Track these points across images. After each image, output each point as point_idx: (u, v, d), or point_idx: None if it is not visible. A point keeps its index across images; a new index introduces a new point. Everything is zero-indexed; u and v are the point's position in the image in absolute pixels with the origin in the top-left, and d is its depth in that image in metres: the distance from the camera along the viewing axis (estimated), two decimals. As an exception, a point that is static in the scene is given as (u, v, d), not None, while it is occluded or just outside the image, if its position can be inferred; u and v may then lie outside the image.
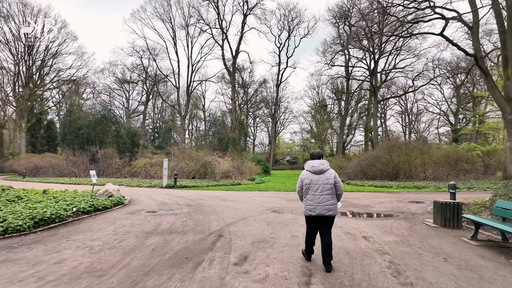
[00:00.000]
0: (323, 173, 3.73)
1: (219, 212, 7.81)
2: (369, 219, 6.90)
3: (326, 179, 3.69)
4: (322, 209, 3.62)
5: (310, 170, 3.78)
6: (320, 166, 3.74)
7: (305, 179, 3.77)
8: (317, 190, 3.65)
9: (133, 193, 12.78)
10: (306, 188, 3.75)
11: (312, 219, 3.77)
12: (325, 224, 3.73)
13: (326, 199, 3.63)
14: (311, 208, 3.67)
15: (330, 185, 3.68)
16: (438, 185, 15.63)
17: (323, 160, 3.90)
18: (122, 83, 48.16)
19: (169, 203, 9.73)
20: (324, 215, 3.63)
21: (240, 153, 28.98)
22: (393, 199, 10.59)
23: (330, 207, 3.64)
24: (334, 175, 3.76)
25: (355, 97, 46.06)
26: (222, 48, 35.44)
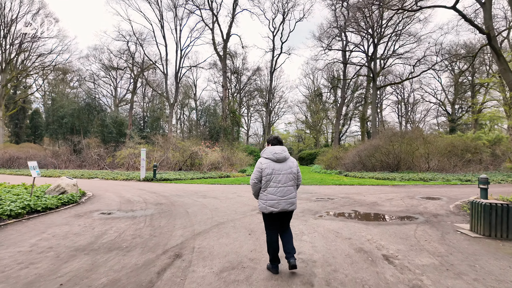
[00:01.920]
0: (285, 161, 3.25)
1: (191, 215, 6.15)
2: (383, 224, 5.31)
3: (289, 168, 3.23)
4: (286, 204, 3.15)
5: (272, 158, 3.21)
6: (283, 153, 3.25)
7: (266, 168, 3.17)
8: (280, 181, 3.15)
9: (100, 187, 11.04)
10: (267, 179, 3.15)
11: (274, 217, 3.21)
12: (286, 221, 3.31)
13: (290, 191, 3.20)
14: (274, 203, 3.11)
15: (293, 175, 3.24)
16: (446, 177, 14.20)
17: (284, 147, 3.36)
18: (108, 69, 45.65)
19: (136, 201, 8.03)
20: (288, 210, 3.17)
21: (231, 143, 27.25)
22: (402, 195, 9.06)
23: (293, 200, 3.23)
24: (296, 163, 3.36)
25: (351, 86, 44.39)
26: (212, 32, 33.21)
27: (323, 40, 32.26)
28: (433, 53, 29.23)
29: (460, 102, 44.48)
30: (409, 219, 5.75)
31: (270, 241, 3.21)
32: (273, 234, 3.24)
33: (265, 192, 3.16)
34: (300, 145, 62.19)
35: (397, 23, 30.10)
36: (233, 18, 31.88)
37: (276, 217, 3.20)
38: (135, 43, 39.05)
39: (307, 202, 7.78)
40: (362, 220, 5.74)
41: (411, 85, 49.29)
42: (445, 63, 36.16)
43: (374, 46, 28.24)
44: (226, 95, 32.96)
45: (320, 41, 32.47)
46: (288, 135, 67.53)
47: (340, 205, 7.32)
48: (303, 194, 9.33)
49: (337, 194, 9.23)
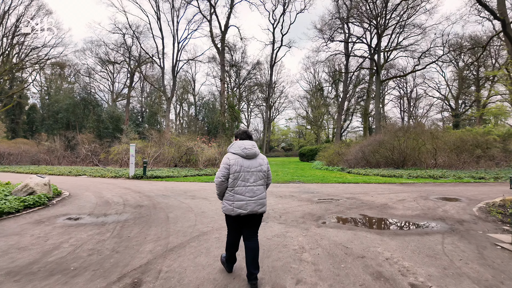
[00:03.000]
0: (255, 157, 2.91)
1: (171, 221, 5.22)
2: (401, 234, 4.37)
3: (259, 165, 2.90)
4: (256, 205, 2.80)
5: (241, 153, 2.85)
6: (254, 149, 2.90)
7: (234, 165, 2.81)
8: (250, 179, 2.81)
9: (82, 186, 10.12)
10: (235, 177, 2.80)
11: (241, 220, 2.84)
12: (254, 224, 2.92)
13: (260, 190, 2.85)
14: (242, 205, 2.75)
15: (263, 173, 2.92)
16: (457, 174, 13.24)
17: (254, 142, 3.00)
18: (105, 63, 44.60)
19: (115, 202, 7.11)
20: (257, 212, 2.81)
21: (229, 139, 26.29)
22: (415, 195, 8.11)
23: (263, 201, 2.88)
24: (266, 160, 3.03)
25: (353, 80, 43.29)
26: (210, 23, 32.08)
27: (324, 32, 31.10)
28: (439, 45, 28.03)
29: (464, 97, 43.47)
30: (431, 227, 4.80)
31: (232, 243, 2.95)
32: (235, 237, 2.94)
33: (232, 192, 2.80)
34: (301, 141, 61.17)
35: (401, 14, 28.92)
36: (231, 8, 30.72)
37: (243, 220, 2.84)
38: (132, 37, 37.98)
39: (308, 204, 6.84)
40: (374, 228, 4.79)
41: (414, 79, 48.23)
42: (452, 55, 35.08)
43: (378, 37, 27.07)
44: (224, 89, 31.91)
45: (321, 33, 31.32)
46: (289, 130, 66.58)
47: (346, 207, 6.38)
48: (304, 194, 8.39)
49: (341, 194, 8.29)
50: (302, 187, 10.13)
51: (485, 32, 36.26)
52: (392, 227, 4.88)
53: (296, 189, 9.41)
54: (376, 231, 4.53)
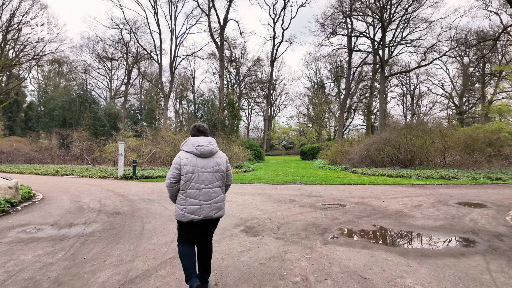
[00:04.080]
0: (212, 156, 2.58)
1: (145, 234, 4.32)
2: (430, 256, 3.43)
3: (216, 165, 2.57)
4: (211, 209, 2.50)
5: (194, 151, 2.50)
6: (210, 146, 2.56)
7: (186, 165, 2.46)
8: (205, 181, 2.48)
9: (62, 188, 9.22)
10: (187, 178, 2.45)
11: (194, 226, 2.51)
12: (210, 230, 2.66)
13: (216, 193, 2.56)
14: (195, 209, 2.45)
15: (221, 174, 2.60)
16: (472, 174, 12.28)
17: (212, 138, 2.65)
18: (103, 60, 43.71)
19: (90, 208, 6.21)
20: (213, 217, 2.53)
21: (227, 137, 25.37)
22: (431, 199, 7.18)
23: (220, 204, 2.59)
24: (225, 159, 2.69)
25: (356, 77, 42.24)
26: (208, 17, 31.07)
27: (327, 27, 30.03)
28: (446, 39, 26.96)
29: (467, 95, 42.51)
30: (465, 244, 3.88)
31: (185, 254, 2.53)
32: (189, 247, 2.58)
33: (185, 195, 2.51)
34: (302, 139, 60.26)
35: (406, 7, 27.83)
36: (230, 1, 29.68)
37: (197, 226, 2.56)
38: (129, 32, 36.97)
39: (311, 210, 5.92)
40: (394, 245, 3.87)
41: (417, 77, 47.18)
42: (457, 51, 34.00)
43: (383, 30, 25.99)
44: (223, 85, 30.94)
45: (323, 27, 30.24)
46: (290, 128, 65.64)
47: (355, 216, 5.46)
48: (306, 198, 7.47)
49: (348, 198, 7.36)
50: (304, 189, 9.21)
51: (491, 27, 35.22)
52: (416, 244, 3.95)
53: (298, 192, 8.49)
54: (398, 251, 3.60)
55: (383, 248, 3.72)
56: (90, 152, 24.14)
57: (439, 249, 3.72)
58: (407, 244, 3.93)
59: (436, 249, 3.72)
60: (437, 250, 3.67)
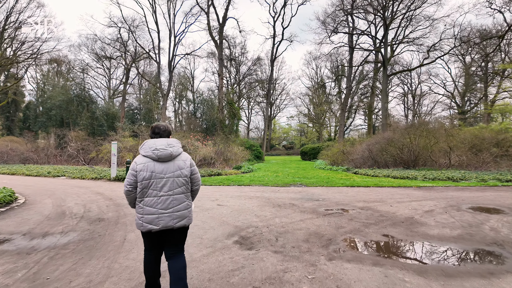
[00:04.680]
0: (172, 159, 2.34)
1: (125, 247, 3.81)
2: (454, 276, 2.92)
3: (178, 169, 2.34)
4: (170, 219, 2.27)
5: (151, 155, 2.28)
6: (169, 149, 2.32)
7: (142, 170, 2.25)
8: (163, 188, 2.27)
9: (49, 190, 8.71)
10: (144, 186, 2.25)
11: (154, 236, 2.32)
12: (175, 241, 2.38)
13: (178, 201, 2.32)
14: (153, 219, 2.23)
15: (184, 179, 2.36)
16: (480, 176, 11.75)
17: (174, 140, 2.44)
18: (101, 59, 43.25)
19: (72, 214, 5.71)
20: (174, 227, 2.28)
21: (227, 137, 24.86)
22: (442, 203, 6.66)
23: (184, 213, 2.34)
24: (190, 161, 2.44)
25: (357, 77, 41.72)
26: (207, 15, 30.59)
27: (328, 24, 29.49)
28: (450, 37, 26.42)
29: (469, 95, 42.03)
30: (491, 260, 3.36)
31: (148, 262, 2.38)
32: (152, 257, 2.38)
33: (142, 203, 2.27)
34: (302, 139, 59.75)
35: (408, 4, 27.28)
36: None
37: (156, 237, 2.32)
38: (128, 31, 36.45)
39: (313, 217, 5.41)
40: (409, 260, 3.35)
41: (419, 76, 46.67)
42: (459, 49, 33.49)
43: (385, 28, 25.44)
44: (222, 84, 30.44)
45: (324, 25, 29.70)
46: (290, 128, 65.14)
47: (362, 223, 4.95)
48: (307, 202, 6.96)
49: (352, 202, 6.85)
50: (305, 191, 8.70)
51: (494, 26, 34.69)
52: (436, 259, 3.44)
53: (298, 195, 7.97)
54: (415, 269, 3.09)
55: (397, 264, 3.20)
56: (87, 152, 23.67)
57: (463, 266, 3.20)
58: (425, 259, 3.41)
59: (460, 266, 3.20)
60: (461, 268, 3.15)
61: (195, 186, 2.52)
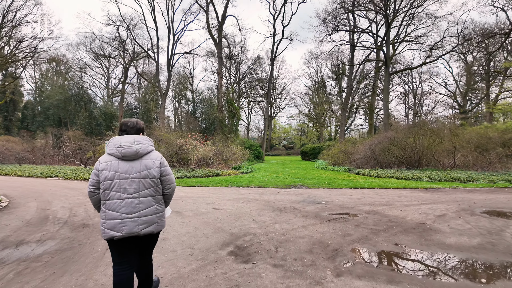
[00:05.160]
0: (139, 158, 2.13)
1: (106, 258, 3.38)
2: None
3: (144, 169, 2.12)
4: (135, 224, 2.05)
5: (115, 153, 2.09)
6: (135, 146, 2.11)
7: (105, 170, 2.07)
8: (128, 189, 2.06)
9: (37, 192, 8.28)
10: (105, 187, 2.06)
11: (121, 245, 2.09)
12: (144, 248, 2.23)
13: (144, 204, 2.10)
14: (115, 225, 2.02)
15: (151, 180, 2.14)
16: (488, 176, 11.32)
17: (142, 137, 2.22)
18: (99, 58, 42.82)
19: (55, 219, 5.28)
20: (140, 233, 2.07)
21: (226, 136, 24.43)
22: (453, 207, 6.23)
23: (151, 218, 2.12)
24: (160, 161, 2.21)
25: (357, 76, 41.29)
26: (206, 13, 30.15)
27: (329, 22, 29.03)
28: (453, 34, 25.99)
29: (470, 94, 41.65)
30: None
31: (117, 282, 2.08)
32: (123, 271, 2.10)
33: (104, 207, 2.07)
34: (303, 139, 59.36)
35: (410, 2, 26.83)
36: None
37: (120, 245, 2.07)
38: (126, 30, 36.00)
39: (316, 223, 4.98)
40: (429, 278, 2.92)
41: (420, 76, 46.25)
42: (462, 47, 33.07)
43: (388, 25, 24.99)
44: (221, 83, 30.00)
45: (324, 23, 29.25)
46: (290, 128, 64.72)
47: (370, 230, 4.51)
48: (309, 205, 6.52)
49: (357, 206, 6.42)
50: (306, 193, 8.26)
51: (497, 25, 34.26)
52: (458, 275, 3.00)
53: (299, 197, 7.54)
54: (437, 287, 2.66)
55: (416, 282, 2.77)
56: (84, 152, 23.27)
57: (491, 284, 2.77)
58: (447, 276, 2.98)
59: (488, 285, 2.77)
60: (489, 286, 2.72)
61: (167, 189, 2.26)
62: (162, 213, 2.25)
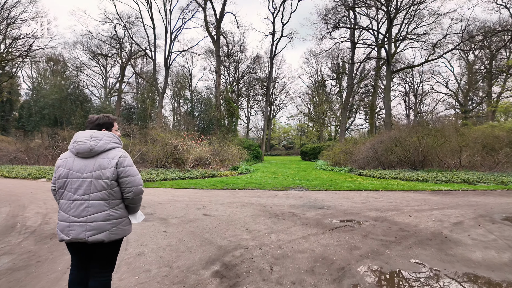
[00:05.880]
0: (94, 156, 1.92)
1: (65, 278, 2.78)
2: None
3: (98, 169, 1.89)
4: (82, 230, 1.84)
5: (72, 149, 1.95)
6: (89, 143, 1.91)
7: (61, 166, 1.95)
8: (78, 190, 1.88)
9: (15, 195, 7.63)
10: (60, 185, 1.93)
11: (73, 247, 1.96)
12: (96, 258, 1.99)
13: (94, 208, 1.87)
14: (64, 227, 1.89)
15: (104, 182, 1.89)
16: (498, 178, 10.73)
17: (104, 132, 2.00)
18: (96, 56, 42.23)
19: (23, 227, 4.66)
20: (87, 241, 1.85)
21: (224, 136, 23.83)
22: (469, 212, 5.63)
23: (101, 224, 1.87)
24: (118, 160, 1.93)
25: (358, 75, 40.71)
26: (204, 10, 29.54)
27: (329, 20, 28.45)
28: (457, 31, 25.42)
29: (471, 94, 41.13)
30: None
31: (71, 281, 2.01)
32: (78, 272, 2.02)
33: (59, 207, 1.96)
34: (303, 139, 58.74)
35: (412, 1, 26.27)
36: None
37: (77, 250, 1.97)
38: (123, 28, 35.40)
39: (318, 232, 4.37)
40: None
41: (421, 75, 45.69)
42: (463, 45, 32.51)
43: (390, 22, 24.40)
44: (220, 82, 29.39)
45: (324, 21, 28.66)
46: (290, 128, 64.10)
47: (380, 242, 3.91)
48: (310, 210, 5.92)
49: (363, 211, 5.81)
50: (307, 197, 7.66)
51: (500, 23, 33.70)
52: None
53: (299, 201, 6.94)
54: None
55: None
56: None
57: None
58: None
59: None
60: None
61: (127, 193, 1.96)
62: (120, 220, 1.97)
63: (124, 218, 2.01)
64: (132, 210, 2.09)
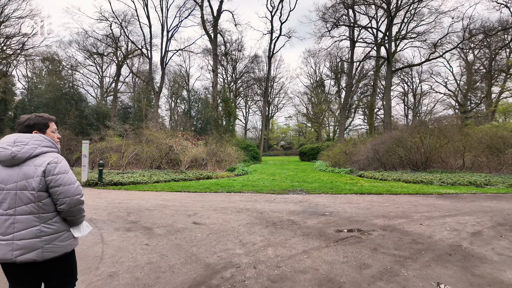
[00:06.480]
0: (19, 164, 1.65)
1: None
2: None
3: (23, 179, 1.62)
4: (9, 249, 1.59)
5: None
6: (11, 149, 1.63)
7: None
8: (2, 204, 1.62)
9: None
10: None
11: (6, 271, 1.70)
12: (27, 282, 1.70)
13: (22, 224, 1.61)
14: None
15: (30, 194, 1.62)
16: (507, 180, 10.25)
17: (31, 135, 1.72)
18: (92, 55, 41.59)
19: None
20: (15, 261, 1.59)
21: (221, 136, 23.29)
22: (485, 219, 5.12)
23: (32, 242, 1.61)
24: (46, 168, 1.63)
25: (356, 75, 40.30)
26: (201, 8, 29.02)
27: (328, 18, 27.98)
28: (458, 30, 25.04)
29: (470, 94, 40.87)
30: None
31: None
32: None
33: None
34: (301, 139, 58.30)
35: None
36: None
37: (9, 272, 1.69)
38: (119, 26, 34.76)
39: (321, 246, 3.85)
40: None
41: (420, 75, 45.39)
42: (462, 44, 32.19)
43: (390, 20, 23.96)
44: (217, 81, 28.84)
45: (324, 19, 28.19)
46: (288, 128, 63.67)
47: (393, 258, 3.40)
48: (310, 217, 5.40)
49: (369, 218, 5.30)
50: (307, 201, 7.14)
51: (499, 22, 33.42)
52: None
53: (298, 207, 6.42)
54: None
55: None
56: (73, 152, 22.14)
57: None
58: None
59: None
60: None
61: (60, 205, 1.66)
62: (55, 236, 1.68)
63: (62, 233, 1.72)
64: (73, 223, 1.78)
